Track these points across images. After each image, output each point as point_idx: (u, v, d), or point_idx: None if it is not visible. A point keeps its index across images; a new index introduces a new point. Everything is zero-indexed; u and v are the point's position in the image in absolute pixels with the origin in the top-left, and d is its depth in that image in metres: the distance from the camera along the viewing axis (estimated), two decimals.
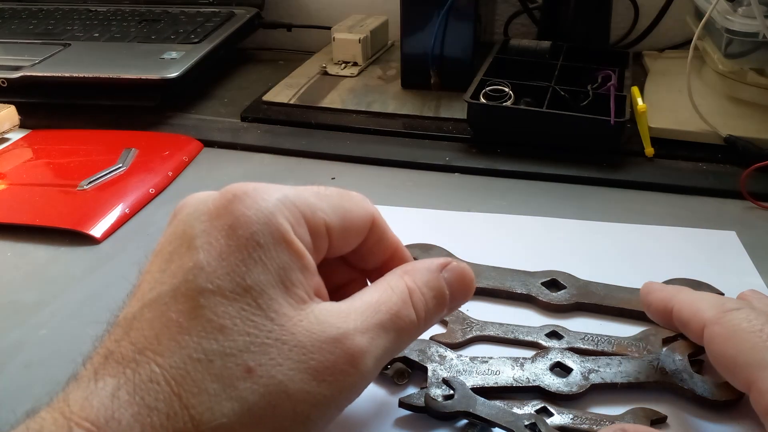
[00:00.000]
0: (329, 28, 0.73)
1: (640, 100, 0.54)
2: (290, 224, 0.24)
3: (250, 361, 0.21)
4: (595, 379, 0.32)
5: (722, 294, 0.37)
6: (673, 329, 0.33)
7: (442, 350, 0.33)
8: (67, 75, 0.61)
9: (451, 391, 0.30)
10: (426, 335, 0.35)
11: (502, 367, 0.32)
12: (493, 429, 0.29)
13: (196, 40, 0.69)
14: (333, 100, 0.64)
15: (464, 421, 0.30)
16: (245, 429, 0.21)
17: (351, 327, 0.23)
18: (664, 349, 0.33)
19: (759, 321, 0.27)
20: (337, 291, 0.29)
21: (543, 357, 0.33)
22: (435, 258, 0.28)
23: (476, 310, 0.37)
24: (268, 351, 0.21)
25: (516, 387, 0.31)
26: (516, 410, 0.30)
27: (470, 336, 0.35)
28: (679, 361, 0.32)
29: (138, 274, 0.25)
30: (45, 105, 0.63)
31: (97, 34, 0.71)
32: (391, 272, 0.27)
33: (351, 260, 0.29)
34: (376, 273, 0.29)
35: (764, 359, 0.26)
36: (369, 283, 0.29)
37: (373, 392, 0.32)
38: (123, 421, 0.20)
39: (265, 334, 0.22)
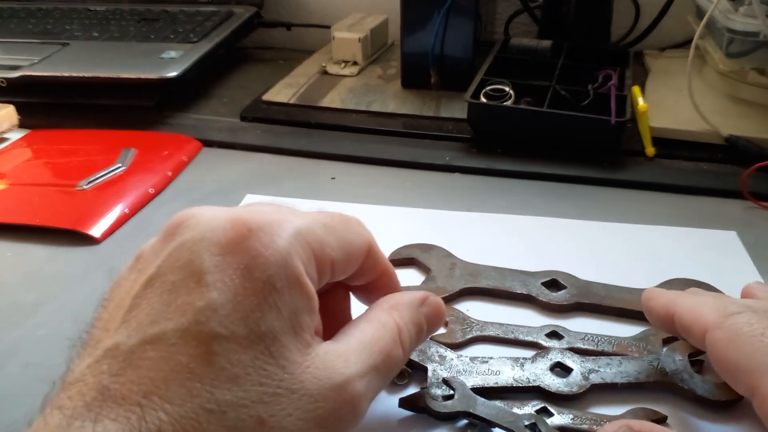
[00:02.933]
0: (329, 27, 0.72)
1: (640, 100, 0.54)
2: (304, 265, 0.23)
3: (262, 412, 0.21)
4: (595, 379, 0.31)
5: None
6: (675, 335, 0.32)
7: (442, 350, 0.33)
8: (66, 75, 0.61)
9: (451, 391, 0.30)
10: None
11: (502, 367, 0.32)
12: (493, 429, 0.29)
13: (195, 40, 0.69)
14: (333, 99, 0.64)
15: (464, 421, 0.30)
16: None
17: (353, 372, 0.23)
18: (664, 349, 0.33)
19: (761, 325, 0.27)
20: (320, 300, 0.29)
21: (543, 357, 0.33)
22: (414, 292, 0.28)
23: (476, 310, 0.37)
24: (280, 401, 0.21)
25: (516, 387, 0.31)
26: (516, 410, 0.30)
27: (470, 336, 0.35)
28: (679, 361, 0.32)
29: (111, 284, 0.24)
30: (44, 105, 0.63)
31: (96, 34, 0.71)
32: (378, 306, 0.27)
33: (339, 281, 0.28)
34: (361, 288, 0.29)
35: (766, 363, 0.25)
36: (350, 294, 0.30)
37: None
38: None
39: (276, 384, 0.21)
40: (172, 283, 0.22)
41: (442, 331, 0.35)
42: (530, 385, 0.31)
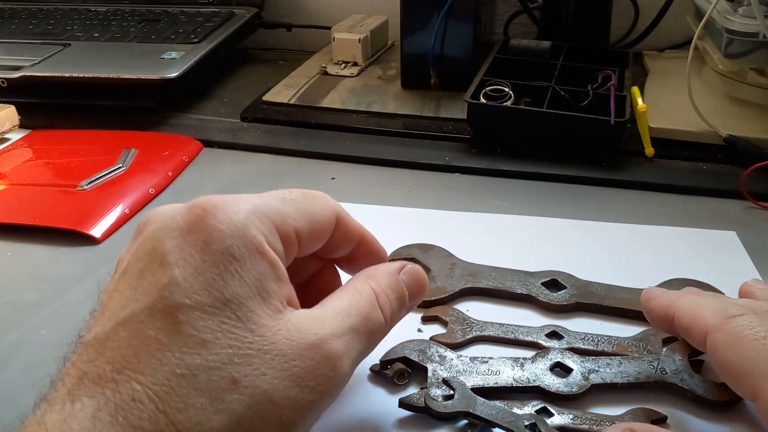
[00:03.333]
0: (329, 28, 0.73)
1: (640, 100, 0.54)
2: (263, 235, 0.24)
3: (234, 372, 0.21)
4: (595, 379, 0.32)
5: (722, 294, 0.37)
6: (675, 335, 0.32)
7: (442, 350, 0.33)
8: (67, 75, 0.61)
9: (451, 392, 0.30)
10: (426, 335, 0.35)
11: (502, 367, 0.32)
12: (493, 429, 0.29)
13: (196, 40, 0.69)
14: (333, 100, 0.64)
15: (464, 421, 0.30)
16: None
17: (327, 332, 0.24)
18: (664, 349, 0.33)
19: (762, 327, 0.26)
20: (309, 283, 0.30)
21: (543, 357, 0.33)
22: (392, 262, 0.29)
23: (476, 310, 0.37)
24: (252, 362, 0.22)
25: (516, 387, 0.31)
26: (516, 410, 0.30)
27: (470, 336, 0.35)
28: (679, 361, 0.32)
29: (99, 293, 0.24)
30: (45, 105, 0.63)
31: (97, 34, 0.71)
32: (355, 277, 0.28)
33: (319, 253, 0.29)
34: (345, 260, 0.30)
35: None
36: (338, 269, 0.31)
37: (373, 392, 0.32)
38: None
39: (247, 346, 0.22)
40: (139, 270, 0.23)
41: (442, 331, 0.35)
42: (530, 385, 0.31)
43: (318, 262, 0.31)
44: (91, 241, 0.45)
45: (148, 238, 0.24)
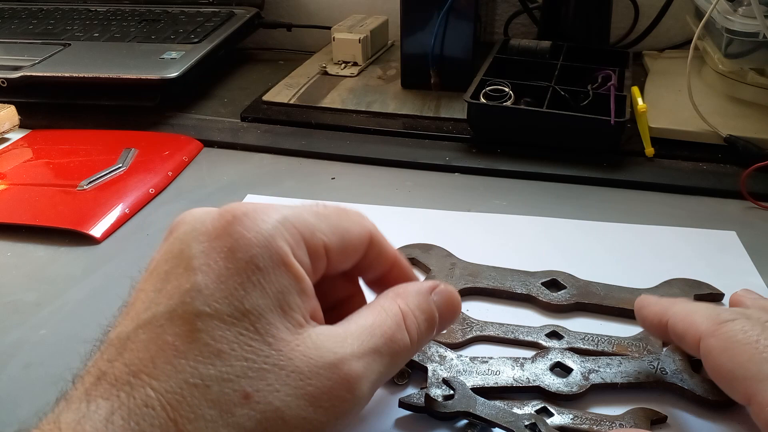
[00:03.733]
0: (329, 28, 0.73)
1: (640, 100, 0.54)
2: (290, 246, 0.24)
3: (247, 387, 0.21)
4: (595, 379, 0.32)
5: (722, 294, 0.37)
6: (670, 342, 0.32)
7: (442, 350, 0.33)
8: (67, 75, 0.61)
9: (451, 391, 0.30)
10: None
11: (502, 367, 0.32)
12: (493, 429, 0.29)
13: (196, 40, 0.69)
14: (333, 100, 0.64)
15: (464, 421, 0.30)
16: None
17: (348, 352, 0.23)
18: (664, 349, 0.33)
19: (755, 332, 0.26)
20: (336, 307, 0.29)
21: (543, 357, 0.33)
22: (424, 281, 0.28)
23: (476, 310, 0.37)
24: (266, 377, 0.21)
25: (516, 387, 0.31)
26: (516, 410, 0.30)
27: (470, 336, 0.35)
28: (679, 361, 0.32)
29: (130, 289, 0.24)
30: (45, 105, 0.63)
31: (97, 34, 0.71)
32: (383, 295, 0.27)
33: (350, 273, 0.29)
34: (376, 284, 0.29)
35: (761, 371, 0.25)
36: (370, 292, 0.30)
37: None
38: None
39: (262, 360, 0.22)
40: (165, 272, 0.23)
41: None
42: (530, 385, 0.31)
43: (349, 287, 0.30)
44: (91, 241, 0.45)
45: (177, 239, 0.24)
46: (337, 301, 0.29)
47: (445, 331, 0.35)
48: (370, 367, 0.23)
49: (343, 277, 0.29)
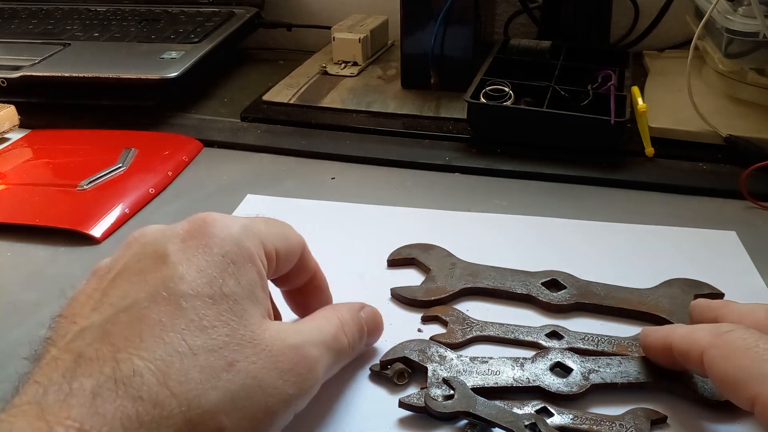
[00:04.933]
0: (329, 28, 0.73)
1: (640, 100, 0.54)
2: (254, 248, 0.27)
3: (230, 357, 0.23)
4: (595, 379, 0.32)
5: (722, 294, 0.37)
6: (677, 368, 0.31)
7: (442, 350, 0.33)
8: (66, 75, 0.61)
9: (451, 392, 0.30)
10: (426, 335, 0.35)
11: (502, 367, 0.32)
12: (493, 429, 0.29)
13: (196, 40, 0.69)
14: (333, 99, 0.64)
15: (464, 421, 0.30)
16: (227, 416, 0.23)
17: (306, 338, 0.27)
18: None
19: (753, 337, 0.27)
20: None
21: (543, 357, 0.33)
22: (353, 302, 0.32)
23: (476, 310, 0.37)
24: (244, 351, 0.24)
25: (516, 387, 0.31)
26: (516, 410, 0.30)
27: (470, 336, 0.35)
28: None
29: (68, 301, 0.26)
30: (45, 105, 0.63)
31: (97, 34, 0.71)
32: (321, 309, 0.31)
33: (281, 280, 0.32)
34: (297, 293, 0.33)
35: (763, 372, 0.25)
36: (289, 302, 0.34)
37: (373, 392, 0.32)
38: (108, 415, 0.21)
39: (240, 336, 0.24)
40: (139, 269, 0.25)
41: (442, 331, 0.35)
42: (530, 385, 0.31)
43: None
44: (91, 241, 0.45)
45: (148, 243, 0.26)
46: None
47: (445, 331, 0.35)
48: (322, 355, 0.27)
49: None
